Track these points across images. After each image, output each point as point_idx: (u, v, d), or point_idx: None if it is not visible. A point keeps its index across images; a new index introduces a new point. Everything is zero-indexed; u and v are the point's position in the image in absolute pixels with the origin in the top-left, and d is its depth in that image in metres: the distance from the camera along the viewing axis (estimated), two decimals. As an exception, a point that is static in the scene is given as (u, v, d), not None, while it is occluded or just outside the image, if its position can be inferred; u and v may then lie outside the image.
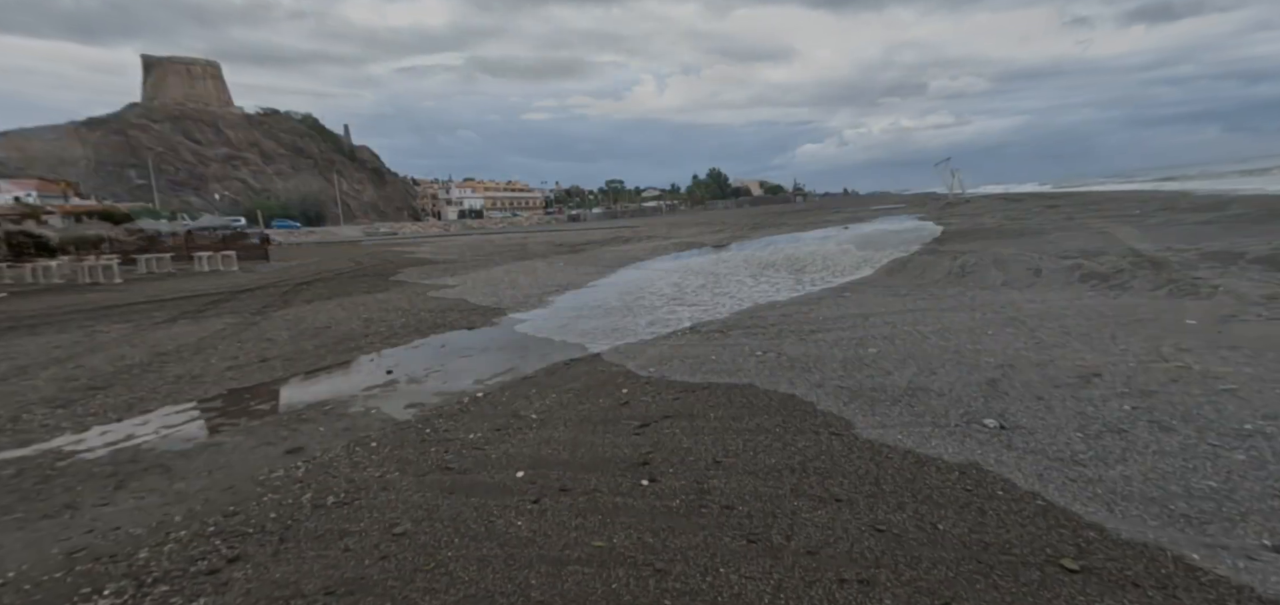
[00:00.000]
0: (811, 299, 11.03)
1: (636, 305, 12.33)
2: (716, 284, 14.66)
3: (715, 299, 12.32)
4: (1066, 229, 19.57)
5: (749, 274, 16.19)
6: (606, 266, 21.18)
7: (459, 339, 9.92)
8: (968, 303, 8.99)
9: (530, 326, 10.73)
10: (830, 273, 15.14)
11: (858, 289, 11.63)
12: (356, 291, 17.04)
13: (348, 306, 14.18)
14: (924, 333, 7.27)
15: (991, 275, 11.60)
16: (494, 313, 12.34)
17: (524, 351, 8.70)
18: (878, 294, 10.70)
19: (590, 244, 34.87)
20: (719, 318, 10.13)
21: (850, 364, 6.19)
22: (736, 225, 47.74)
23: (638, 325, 10.13)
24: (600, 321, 10.77)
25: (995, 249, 16.04)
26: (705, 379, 6.16)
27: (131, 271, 26.67)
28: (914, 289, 10.81)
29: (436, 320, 11.72)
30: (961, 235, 21.92)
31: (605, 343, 8.87)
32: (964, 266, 13.35)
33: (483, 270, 21.95)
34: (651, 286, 15.17)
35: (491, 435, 5.02)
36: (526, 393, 6.36)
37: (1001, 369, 5.54)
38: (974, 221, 27.89)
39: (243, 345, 10.05)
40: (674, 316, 10.70)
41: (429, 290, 16.37)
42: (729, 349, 7.42)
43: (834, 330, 7.92)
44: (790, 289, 12.92)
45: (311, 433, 5.59)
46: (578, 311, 12.07)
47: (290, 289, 18.30)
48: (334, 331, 11.04)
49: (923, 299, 9.68)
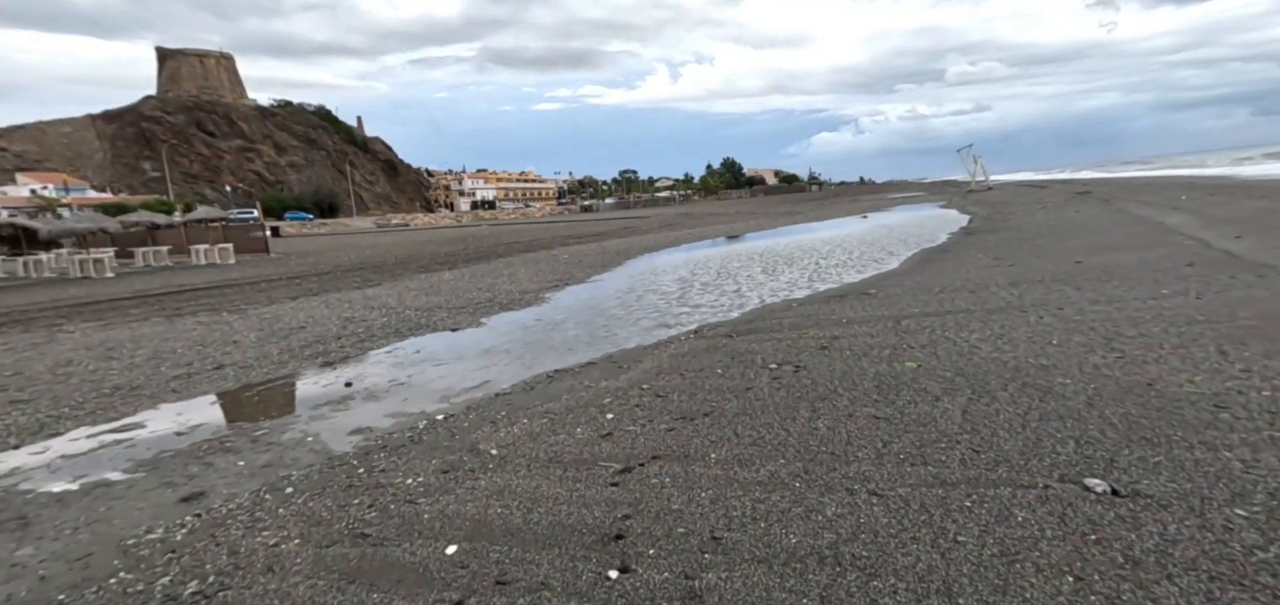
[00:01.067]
0: (831, 297, 9.87)
1: (638, 304, 11.24)
2: (726, 279, 13.52)
3: (724, 297, 11.20)
4: (1108, 216, 18.14)
5: (761, 268, 15.02)
6: (613, 259, 20.11)
7: (438, 344, 8.90)
8: (1016, 302, 7.78)
9: (519, 328, 9.69)
10: (850, 266, 13.93)
11: (883, 286, 10.45)
12: (346, 287, 16.13)
13: (333, 303, 13.24)
14: (971, 342, 6.10)
15: (1034, 268, 10.34)
16: (484, 311, 11.32)
17: (505, 360, 7.66)
18: (907, 292, 9.51)
19: (598, 235, 33.80)
20: (728, 319, 9.01)
21: (885, 384, 5.06)
22: (750, 215, 46.39)
23: (637, 328, 9.04)
24: (597, 323, 9.70)
25: (1033, 239, 14.72)
26: (707, 402, 5.06)
27: (129, 265, 26.08)
28: (949, 287, 9.60)
29: (421, 320, 10.72)
30: (991, 224, 20.53)
31: (598, 349, 7.80)
32: (1000, 258, 12.08)
33: (483, 263, 20.97)
34: (656, 282, 14.06)
35: (435, 481, 3.98)
36: (494, 416, 5.31)
37: (1087, 394, 4.38)
38: (1002, 210, 26.39)
39: (204, 349, 9.11)
40: (678, 317, 9.60)
41: (421, 284, 15.40)
42: (737, 361, 6.32)
43: (860, 337, 6.77)
44: (807, 284, 11.76)
45: (226, 470, 4.58)
46: (574, 311, 11.01)
47: (280, 284, 17.44)
48: (308, 332, 10.08)
49: (961, 298, 8.48)
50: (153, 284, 18.67)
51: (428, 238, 41.27)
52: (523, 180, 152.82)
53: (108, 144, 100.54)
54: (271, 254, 27.99)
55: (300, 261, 24.80)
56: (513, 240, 32.25)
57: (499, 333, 9.47)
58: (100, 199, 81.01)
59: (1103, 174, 66.41)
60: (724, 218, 45.56)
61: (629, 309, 10.69)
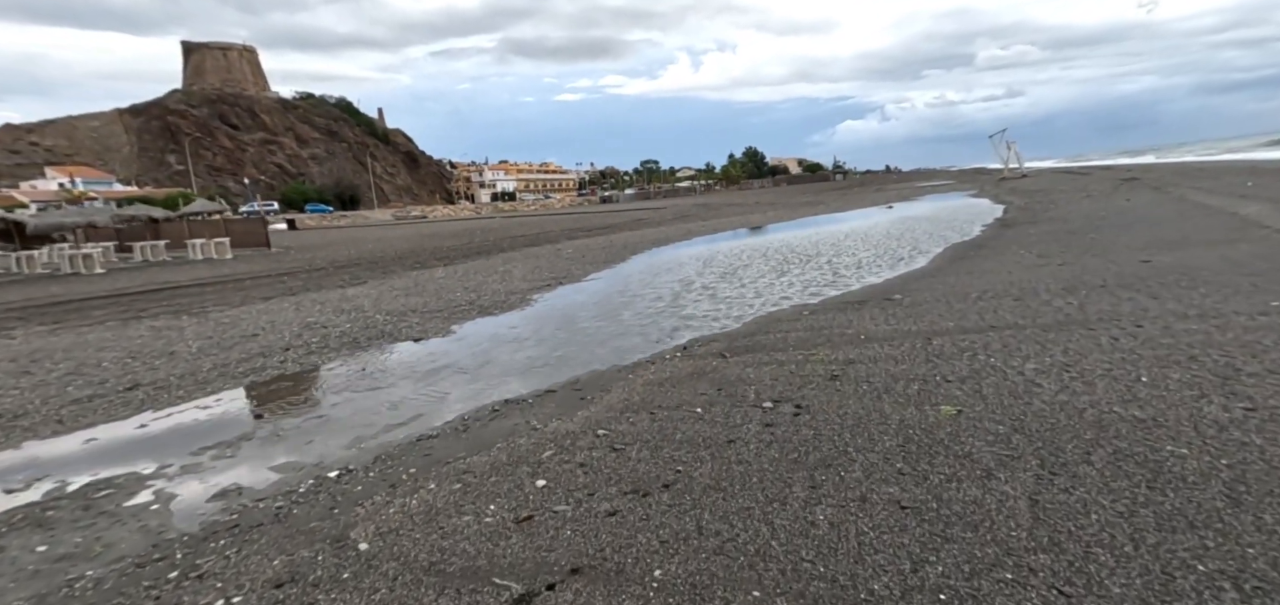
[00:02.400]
0: (849, 302, 8.47)
1: (629, 308, 9.96)
2: (732, 278, 12.16)
3: (726, 302, 9.85)
4: (1167, 206, 16.33)
5: (773, 265, 13.61)
6: (617, 254, 18.85)
7: (393, 358, 7.73)
8: (1077, 314, 6.33)
9: (489, 339, 8.47)
10: (872, 265, 12.46)
11: (910, 290, 9.01)
12: (330, 285, 15.11)
13: (305, 305, 12.19)
14: (1027, 374, 4.71)
15: (1093, 269, 8.81)
16: (461, 316, 10.14)
17: (457, 382, 6.44)
18: (939, 299, 8.07)
19: (609, 227, 32.57)
20: (726, 331, 7.68)
21: (913, 442, 3.71)
22: (769, 206, 44.74)
23: (619, 342, 7.76)
24: (577, 334, 8.44)
25: (1084, 233, 13.07)
26: (672, 464, 3.77)
27: (128, 259, 25.54)
28: (989, 292, 8.14)
29: (387, 327, 9.59)
30: (1031, 215, 18.79)
31: (566, 371, 6.55)
32: (1047, 255, 10.52)
33: (481, 259, 19.86)
34: (655, 283, 12.76)
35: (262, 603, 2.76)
36: (399, 475, 4.09)
37: (1222, 478, 2.99)
38: (1042, 199, 24.49)
39: (132, 363, 8.06)
40: (668, 327, 8.29)
41: (408, 283, 14.30)
42: (725, 393, 5.01)
43: (881, 362, 5.41)
44: (822, 286, 10.35)
45: (7, 564, 3.43)
46: (556, 318, 9.76)
47: (264, 281, 16.50)
48: (259, 342, 9.00)
49: (1006, 308, 7.04)
50: (135, 281, 17.89)
51: (439, 231, 40.41)
52: (543, 171, 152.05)
53: (134, 138, 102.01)
54: (272, 248, 27.23)
55: (298, 256, 23.96)
56: (521, 233, 31.16)
57: (465, 345, 8.27)
58: (126, 192, 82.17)
59: (1147, 159, 63.08)
60: (742, 208, 43.95)
61: (617, 316, 9.41)
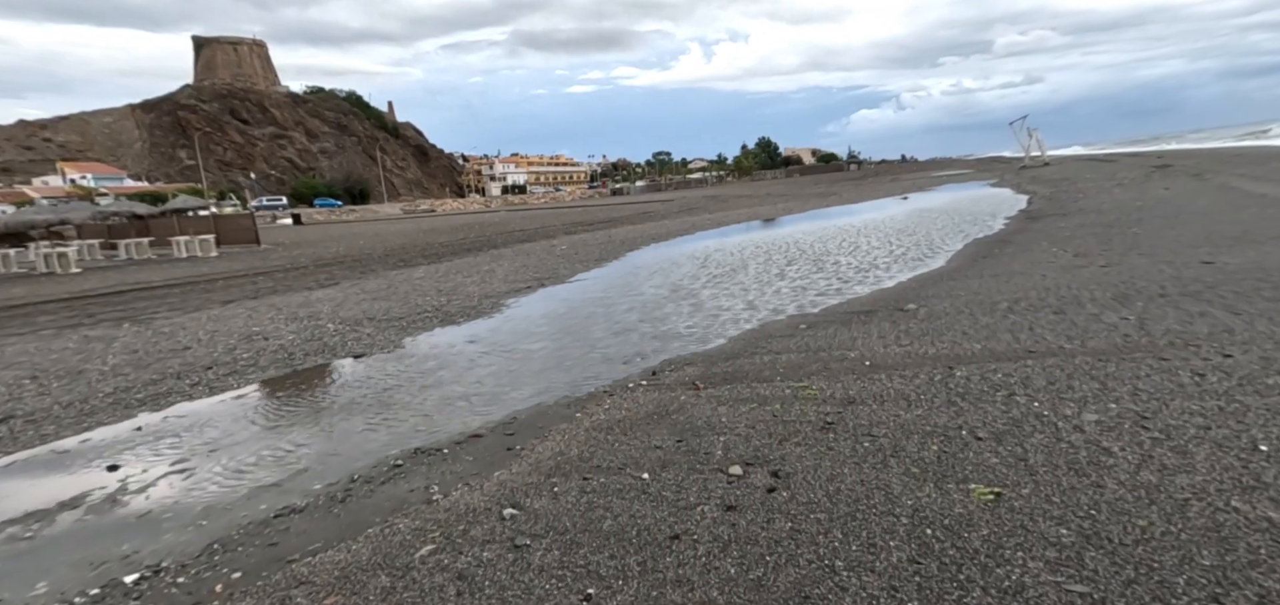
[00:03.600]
0: (855, 313, 7.25)
1: (605, 318, 8.80)
2: (727, 281, 10.94)
3: (714, 311, 8.65)
4: (1213, 196, 14.83)
5: (774, 265, 12.37)
6: (612, 251, 17.71)
7: (310, 386, 6.64)
8: (1139, 333, 5.08)
9: (435, 358, 7.34)
10: (883, 264, 11.19)
11: (926, 296, 7.76)
12: (299, 287, 14.12)
13: (262, 310, 11.17)
14: (1089, 433, 3.48)
15: (1142, 271, 7.49)
16: (420, 326, 9.05)
17: (367, 420, 5.33)
18: (960, 309, 6.82)
19: (614, 221, 31.43)
20: (707, 350, 6.50)
21: (938, 556, 2.53)
22: (780, 197, 43.30)
23: (579, 364, 6.60)
24: (536, 351, 7.30)
25: (1123, 227, 11.67)
26: (580, 588, 2.62)
27: (114, 257, 24.81)
28: (1021, 301, 6.87)
29: (335, 339, 8.54)
30: (1059, 206, 17.33)
31: (502, 406, 5.41)
32: (1085, 254, 9.19)
33: (469, 256, 18.80)
34: (644, 285, 11.58)
35: None
36: (202, 593, 2.98)
37: None
38: (1068, 188, 22.92)
39: (27, 384, 7.05)
40: (642, 345, 7.12)
41: (379, 285, 13.24)
42: (685, 447, 3.84)
43: (888, 404, 4.21)
44: (825, 291, 9.12)
45: None
46: (518, 330, 8.62)
47: (235, 282, 15.54)
48: (183, 359, 7.97)
49: (1044, 324, 5.79)
50: (106, 281, 17.03)
51: (440, 225, 39.47)
52: (554, 164, 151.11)
53: (146, 133, 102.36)
54: (262, 245, 26.36)
55: (284, 254, 23.04)
56: (520, 228, 30.10)
57: (408, 365, 7.16)
58: (137, 188, 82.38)
59: (1173, 145, 60.54)
60: (752, 200, 42.56)
61: (587, 330, 8.25)
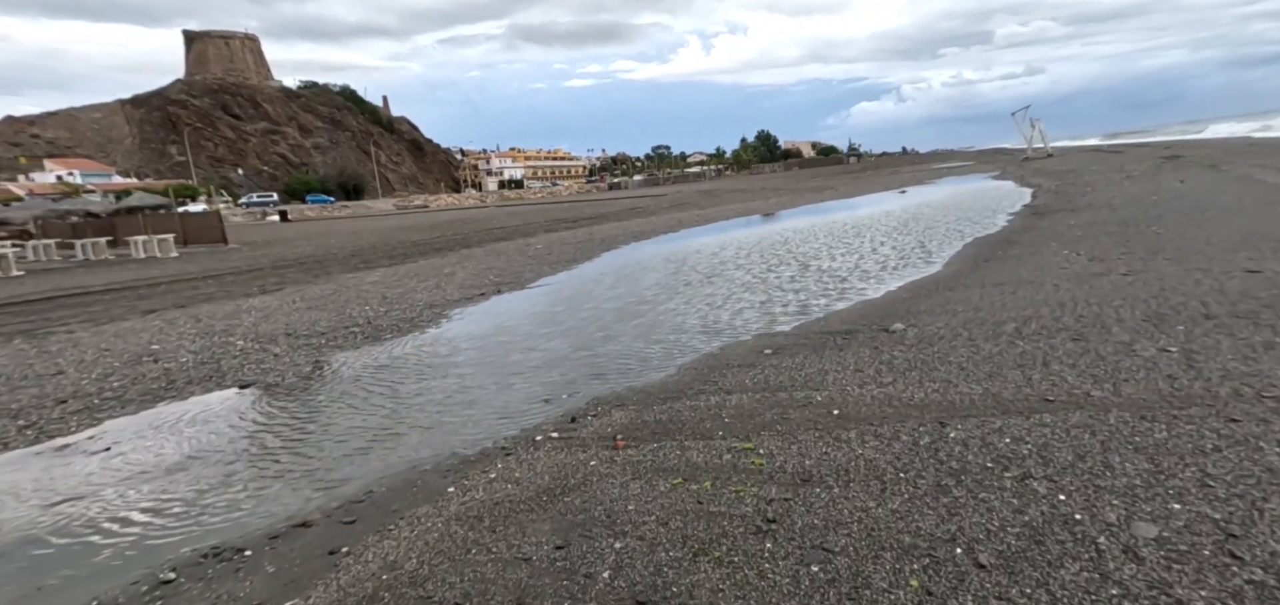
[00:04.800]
0: (830, 334, 6.04)
1: (544, 338, 7.60)
2: (699, 289, 9.74)
3: (674, 328, 7.44)
4: (1237, 189, 13.57)
5: (754, 269, 11.15)
6: (587, 251, 16.56)
7: (147, 430, 5.45)
8: (1188, 379, 3.89)
9: (331, 389, 6.13)
10: (873, 269, 9.98)
11: (917, 312, 6.55)
12: (239, 294, 12.96)
13: (178, 323, 9.99)
14: (1139, 548, 2.29)
15: (1173, 280, 6.28)
16: (343, 342, 7.86)
17: (180, 490, 4.14)
18: (957, 332, 5.62)
19: (601, 217, 30.30)
20: (646, 383, 5.30)
21: None
22: (775, 191, 42.06)
23: (489, 403, 5.40)
24: (445, 384, 6.09)
25: (1141, 225, 10.43)
26: None
27: (69, 257, 23.65)
28: (1031, 321, 5.67)
29: (234, 362, 7.41)
30: (1066, 200, 16.07)
31: (367, 467, 4.22)
32: (1101, 257, 7.97)
33: (437, 256, 17.62)
34: (606, 294, 10.38)
35: None
36: None
37: None
38: (1074, 181, 21.65)
39: None
40: (575, 373, 5.92)
41: (326, 291, 12.04)
42: (562, 564, 2.66)
43: (857, 484, 3.02)
44: (803, 302, 7.91)
45: None
46: (444, 352, 7.41)
47: (175, 286, 14.36)
48: (53, 384, 6.82)
49: (1062, 354, 4.59)
50: (41, 285, 15.83)
51: (423, 222, 38.26)
52: (551, 158, 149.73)
53: (136, 129, 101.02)
54: (230, 244, 25.15)
55: (247, 255, 21.84)
56: (501, 225, 28.90)
57: (290, 398, 5.98)
58: (125, 184, 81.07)
59: (1180, 136, 59.07)
60: (746, 194, 41.31)
61: (522, 352, 7.06)
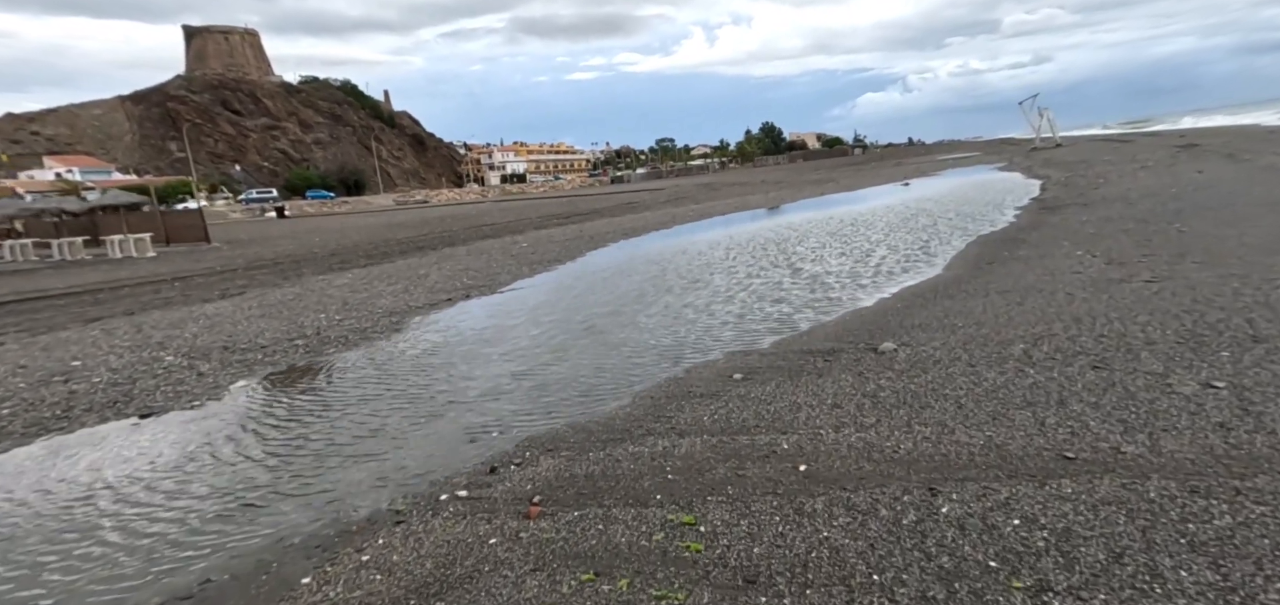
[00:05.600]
0: (811, 355, 5.22)
1: (502, 355, 6.81)
2: (678, 295, 8.92)
3: (638, 346, 6.64)
4: (1262, 181, 12.63)
5: (738, 273, 10.31)
6: (571, 251, 15.82)
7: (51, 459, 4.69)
8: (1251, 433, 3.06)
9: (221, 425, 5.36)
10: (866, 272, 9.13)
11: (911, 326, 5.72)
12: (196, 299, 12.28)
13: (108, 337, 9.27)
14: None
15: (1209, 288, 5.43)
16: (281, 356, 7.11)
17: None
18: (955, 352, 4.79)
19: (595, 213, 29.54)
20: (589, 418, 4.50)
21: None
22: (775, 184, 41.14)
23: (420, 435, 4.61)
24: (372, 414, 5.31)
25: (1162, 222, 9.53)
26: None
27: (46, 257, 23.03)
28: (1043, 343, 4.85)
29: (154, 383, 6.69)
30: (1078, 193, 15.14)
31: (212, 549, 3.44)
32: (1119, 260, 7.11)
33: (417, 256, 16.86)
34: (579, 302, 9.59)
35: None
36: None
37: None
38: (1084, 172, 20.67)
39: None
40: (513, 406, 5.12)
41: (291, 294, 11.29)
42: None
43: (819, 586, 2.20)
44: (786, 312, 7.09)
45: None
46: (389, 370, 6.64)
47: (139, 290, 13.65)
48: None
49: (1084, 394, 3.77)
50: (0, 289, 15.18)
51: (416, 219, 37.50)
52: (554, 152, 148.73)
53: (136, 125, 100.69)
54: (211, 242, 24.46)
55: (226, 254, 21.14)
56: (494, 222, 28.13)
57: (189, 430, 5.22)
58: (125, 181, 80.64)
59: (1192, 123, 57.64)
60: (746, 188, 40.40)
61: (465, 375, 6.27)
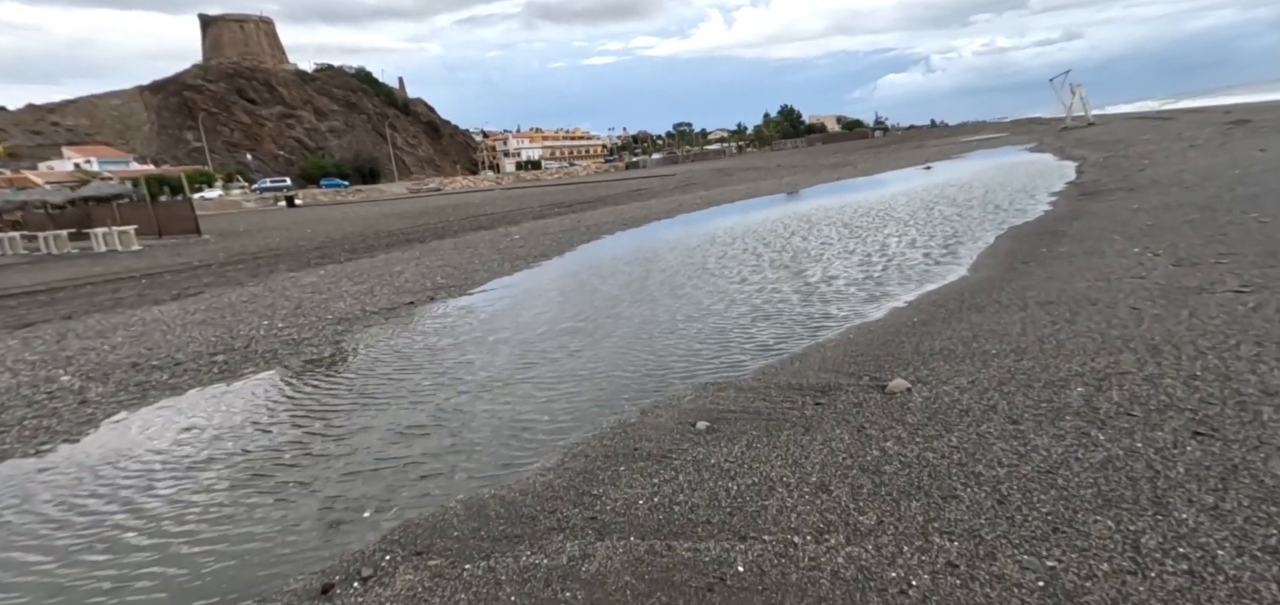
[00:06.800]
0: (803, 389, 4.01)
1: (430, 384, 5.69)
2: (663, 302, 7.73)
3: (606, 373, 5.48)
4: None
5: (737, 271, 9.07)
6: (568, 242, 14.93)
7: None
8: None
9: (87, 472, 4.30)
10: (878, 272, 7.84)
11: (931, 350, 4.48)
12: (149, 300, 11.41)
13: (30, 344, 8.33)
14: None
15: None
16: (193, 377, 6.08)
17: None
18: (990, 389, 3.56)
19: (600, 200, 28.46)
20: (487, 494, 3.34)
21: None
22: (790, 169, 39.55)
23: (233, 533, 3.50)
24: (249, 482, 4.23)
25: (1234, 210, 8.05)
26: None
27: (33, 250, 22.47)
28: (1110, 383, 3.58)
29: (27, 409, 5.63)
30: (1121, 176, 13.58)
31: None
32: (1192, 261, 5.77)
33: (401, 250, 15.86)
34: (545, 307, 8.45)
35: None
36: None
37: None
38: (1125, 152, 18.96)
39: None
40: (389, 476, 3.99)
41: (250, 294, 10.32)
42: None
43: None
44: (779, 326, 5.87)
45: None
46: (308, 404, 5.55)
47: (100, 288, 12.80)
48: None
49: (1184, 482, 2.52)
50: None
51: (417, 208, 36.61)
52: (569, 138, 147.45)
53: (154, 115, 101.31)
54: (203, 234, 23.72)
55: (209, 248, 20.33)
56: (493, 211, 27.11)
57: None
58: (142, 171, 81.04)
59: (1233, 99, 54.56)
60: (760, 173, 38.88)
61: (363, 422, 5.17)
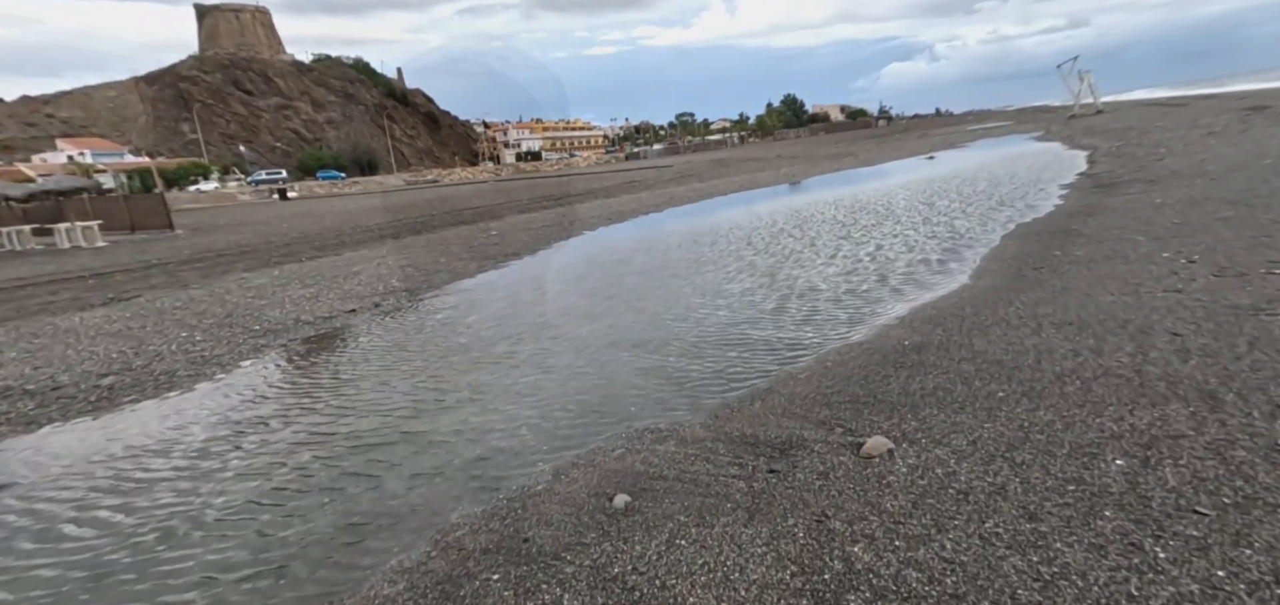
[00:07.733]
0: (761, 444, 3.13)
1: (332, 432, 4.82)
2: (619, 314, 6.84)
3: (508, 421, 4.60)
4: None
5: (715, 278, 8.16)
6: (545, 238, 14.20)
7: None
8: None
9: None
10: (868, 280, 6.93)
11: (923, 390, 3.57)
12: (82, 305, 10.50)
13: None
14: None
15: None
16: (60, 410, 5.21)
17: None
18: (1001, 460, 2.67)
19: (591, 193, 27.69)
20: (386, 588, 2.47)
21: None
22: (790, 159, 38.52)
23: None
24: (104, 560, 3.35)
25: (1273, 202, 7.12)
26: None
27: (0, 248, 21.67)
28: (1162, 446, 2.68)
29: None
30: (1136, 166, 12.60)
31: None
32: (1229, 266, 4.87)
33: (366, 248, 14.98)
34: (496, 318, 7.55)
35: None
36: None
37: None
38: (1138, 140, 17.94)
39: None
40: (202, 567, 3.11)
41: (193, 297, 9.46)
42: None
43: None
44: (749, 355, 4.98)
45: None
46: (111, 475, 4.68)
47: (40, 290, 11.96)
48: None
49: None
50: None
51: (402, 202, 35.67)
52: (569, 129, 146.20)
53: (149, 107, 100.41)
54: (176, 229, 22.87)
55: (176, 244, 19.48)
56: (479, 205, 26.20)
57: None
58: (138, 163, 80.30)
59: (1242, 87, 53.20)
60: (759, 163, 37.88)
61: (230, 487, 4.30)
